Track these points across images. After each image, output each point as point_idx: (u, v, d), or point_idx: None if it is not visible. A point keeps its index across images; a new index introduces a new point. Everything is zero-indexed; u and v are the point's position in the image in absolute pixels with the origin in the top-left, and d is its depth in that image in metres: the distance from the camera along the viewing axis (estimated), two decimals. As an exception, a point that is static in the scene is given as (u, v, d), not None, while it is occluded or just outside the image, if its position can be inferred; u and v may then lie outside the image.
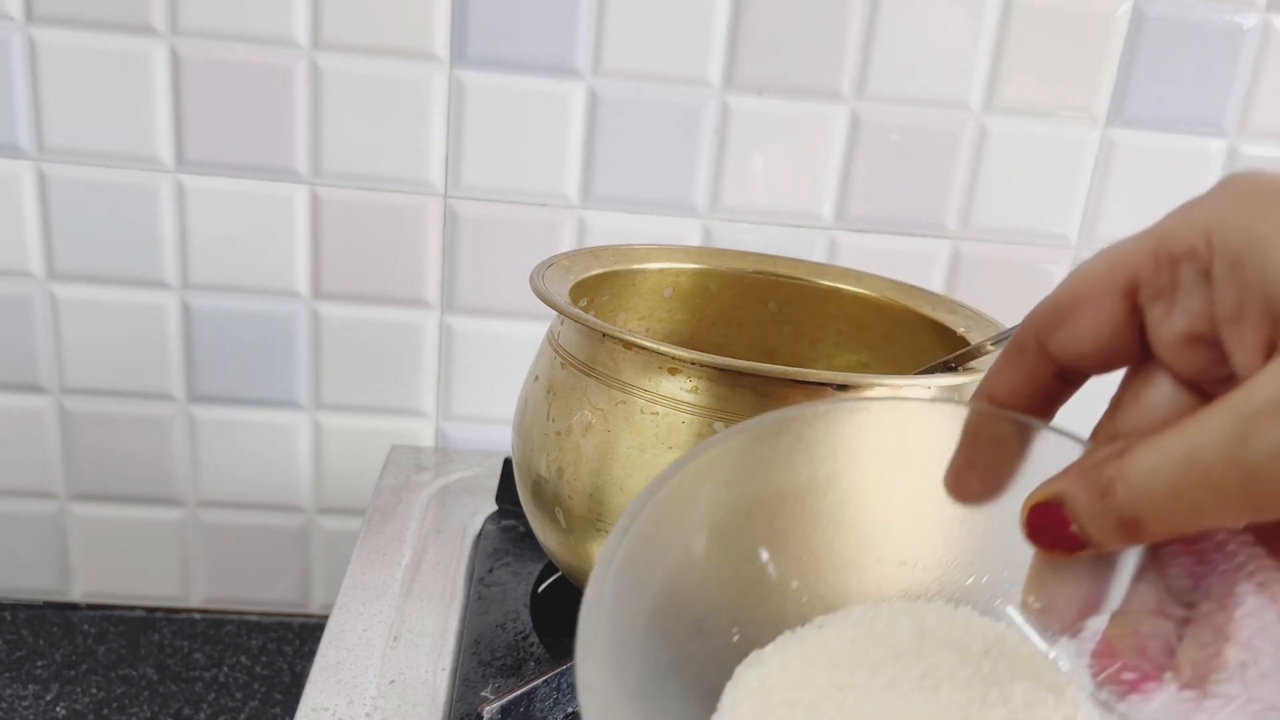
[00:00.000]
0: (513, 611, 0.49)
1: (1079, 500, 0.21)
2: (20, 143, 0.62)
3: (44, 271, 0.65)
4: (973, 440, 0.25)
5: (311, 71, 0.62)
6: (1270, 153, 0.69)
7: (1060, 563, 0.23)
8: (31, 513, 0.71)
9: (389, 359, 0.69)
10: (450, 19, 0.62)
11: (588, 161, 0.66)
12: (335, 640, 0.47)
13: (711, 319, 0.53)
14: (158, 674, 0.65)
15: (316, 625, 0.73)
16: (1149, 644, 0.22)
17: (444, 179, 0.65)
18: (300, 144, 0.64)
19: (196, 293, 0.66)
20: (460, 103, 0.64)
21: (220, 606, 0.74)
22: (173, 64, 0.62)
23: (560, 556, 0.42)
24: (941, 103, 0.65)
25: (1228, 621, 0.21)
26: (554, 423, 0.40)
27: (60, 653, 0.66)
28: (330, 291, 0.67)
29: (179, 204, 0.64)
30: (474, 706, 0.41)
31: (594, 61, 0.63)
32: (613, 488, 0.37)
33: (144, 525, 0.72)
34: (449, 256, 0.67)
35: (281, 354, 0.68)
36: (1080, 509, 0.21)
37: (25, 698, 0.61)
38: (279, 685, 0.65)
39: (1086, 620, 0.23)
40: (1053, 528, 0.22)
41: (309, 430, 0.70)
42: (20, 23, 0.60)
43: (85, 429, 0.69)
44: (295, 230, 0.65)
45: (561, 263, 0.46)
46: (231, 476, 0.71)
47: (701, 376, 0.36)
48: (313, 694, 0.43)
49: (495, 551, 0.55)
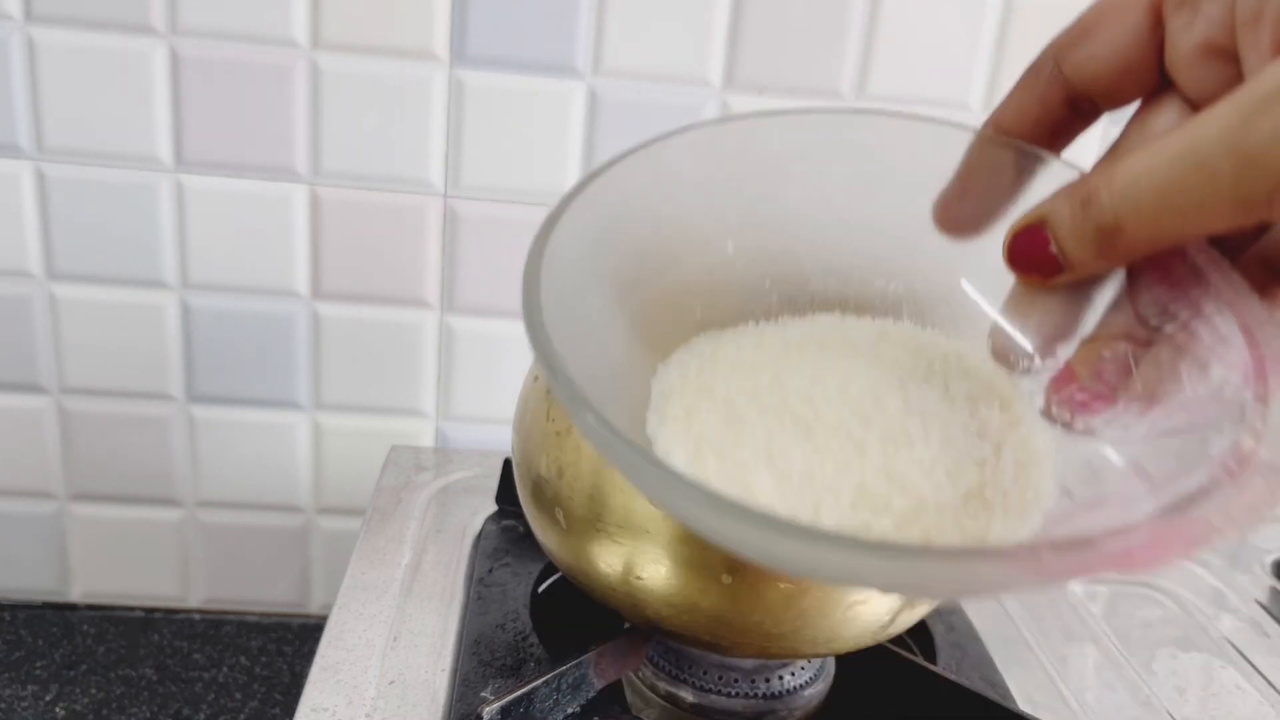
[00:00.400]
0: (513, 612, 0.49)
1: (1061, 216, 0.21)
2: (19, 142, 0.62)
3: (43, 271, 0.65)
4: (970, 169, 0.24)
5: (311, 71, 0.62)
6: (1271, 153, 0.69)
7: (1037, 293, 0.23)
8: (30, 513, 0.71)
9: (389, 359, 0.69)
10: (450, 18, 0.62)
11: (588, 161, 0.65)
12: (335, 641, 0.47)
13: (712, 319, 0.53)
14: (157, 674, 0.65)
15: (316, 626, 0.72)
16: (1106, 368, 0.22)
17: (444, 179, 0.65)
18: (300, 143, 0.64)
19: (196, 292, 0.66)
20: (460, 102, 0.64)
21: (220, 607, 0.74)
22: (172, 63, 0.62)
23: (560, 557, 0.41)
24: (941, 102, 0.65)
25: (1189, 340, 0.21)
26: (554, 423, 0.40)
27: (59, 653, 0.66)
28: (330, 291, 0.67)
29: (178, 204, 0.64)
30: (474, 707, 0.41)
31: (594, 61, 0.63)
32: (613, 488, 0.37)
33: (143, 525, 0.72)
34: (449, 256, 0.67)
35: (281, 354, 0.68)
36: (1061, 225, 0.21)
37: (24, 698, 0.61)
38: (278, 686, 0.65)
39: (1057, 347, 0.23)
40: (1033, 250, 0.22)
41: (308, 430, 0.70)
42: (19, 22, 0.60)
43: (84, 429, 0.69)
44: (295, 230, 0.65)
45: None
46: (231, 476, 0.71)
47: (702, 376, 0.36)
48: (312, 694, 0.43)
49: (495, 552, 0.55)
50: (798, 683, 0.44)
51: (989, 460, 0.23)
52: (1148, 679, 0.51)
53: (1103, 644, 0.54)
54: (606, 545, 0.38)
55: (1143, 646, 0.54)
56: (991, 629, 0.54)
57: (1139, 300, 0.22)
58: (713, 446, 0.24)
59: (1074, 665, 0.52)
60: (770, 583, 0.36)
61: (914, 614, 0.40)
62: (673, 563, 0.37)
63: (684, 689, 0.44)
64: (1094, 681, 0.51)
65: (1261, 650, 0.56)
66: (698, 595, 0.37)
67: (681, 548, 0.36)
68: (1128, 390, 0.22)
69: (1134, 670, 0.52)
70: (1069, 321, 0.23)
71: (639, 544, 0.37)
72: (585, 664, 0.42)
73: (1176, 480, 0.19)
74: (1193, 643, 0.56)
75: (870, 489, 0.22)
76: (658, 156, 0.26)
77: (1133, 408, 0.22)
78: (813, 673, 0.45)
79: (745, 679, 0.44)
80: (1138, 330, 0.22)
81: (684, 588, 0.37)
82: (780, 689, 0.44)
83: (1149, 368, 0.22)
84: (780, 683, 0.44)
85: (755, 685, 0.44)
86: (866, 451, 0.23)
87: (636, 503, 0.37)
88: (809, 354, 0.26)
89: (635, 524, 0.37)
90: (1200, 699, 0.50)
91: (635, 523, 0.37)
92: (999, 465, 0.23)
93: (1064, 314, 0.23)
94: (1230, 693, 0.51)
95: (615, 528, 0.37)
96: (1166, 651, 0.54)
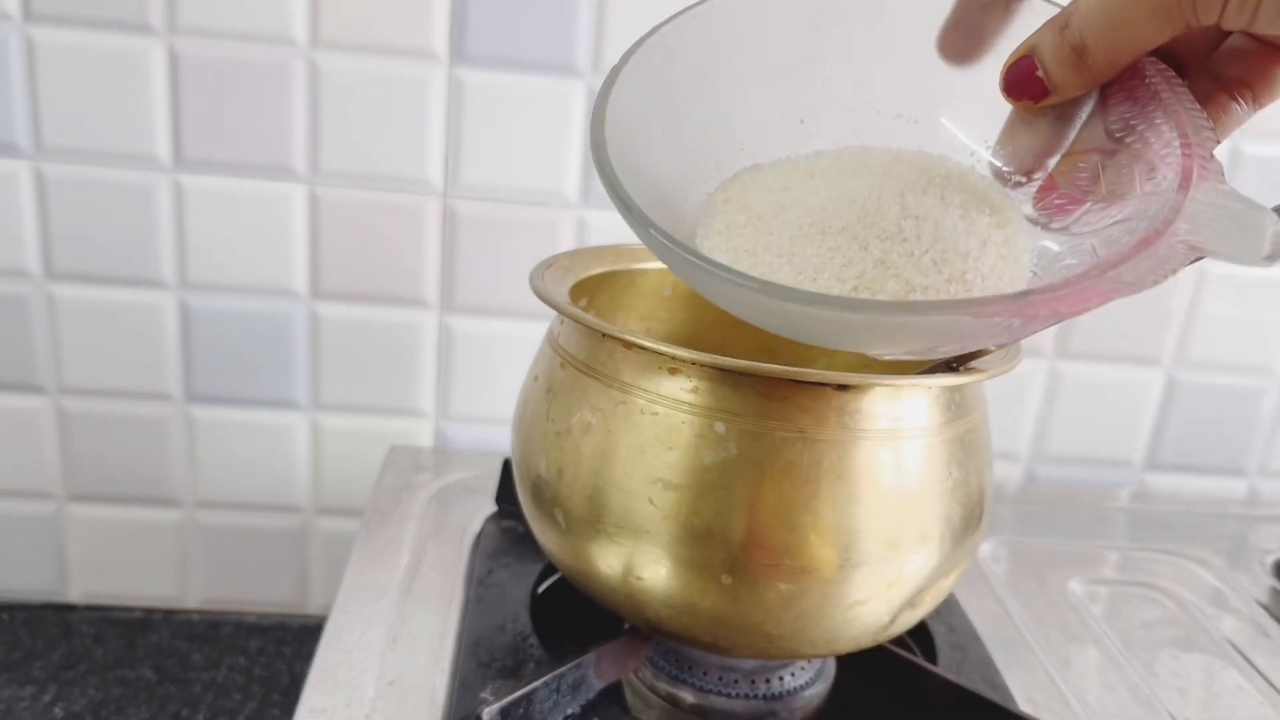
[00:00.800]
0: (512, 613, 0.49)
1: (1044, 44, 0.26)
2: (18, 142, 0.62)
3: (41, 271, 0.65)
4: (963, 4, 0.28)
5: (310, 70, 0.62)
6: (1270, 152, 0.69)
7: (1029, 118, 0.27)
8: (29, 513, 0.70)
9: (388, 359, 0.69)
10: (449, 18, 0.62)
11: (588, 161, 0.65)
12: (334, 641, 0.46)
13: (711, 319, 0.53)
14: (155, 675, 0.65)
15: (315, 626, 0.72)
16: (1080, 176, 0.27)
17: (443, 178, 0.65)
18: (299, 143, 0.63)
19: (194, 292, 0.66)
20: (460, 102, 0.64)
21: (218, 607, 0.74)
22: (171, 63, 0.61)
23: (560, 557, 0.41)
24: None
25: (1144, 147, 0.26)
26: (553, 423, 0.40)
27: (58, 653, 0.66)
28: (329, 291, 0.67)
29: (177, 203, 0.64)
30: (473, 708, 0.41)
31: (594, 61, 0.63)
32: (612, 488, 0.37)
33: (142, 526, 0.71)
34: (448, 256, 0.67)
35: (280, 354, 0.68)
36: (1045, 51, 0.26)
37: (23, 699, 0.61)
38: (277, 686, 0.65)
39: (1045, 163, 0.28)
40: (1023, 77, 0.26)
41: (307, 431, 0.70)
42: (18, 22, 0.60)
43: (83, 429, 0.69)
44: (294, 230, 0.65)
45: (561, 262, 0.46)
46: (230, 477, 0.71)
47: (702, 376, 0.36)
48: (311, 695, 0.43)
49: (494, 552, 0.55)
50: (798, 683, 0.44)
51: (973, 252, 0.29)
52: (1149, 679, 0.51)
53: (1104, 644, 0.54)
54: (606, 546, 0.38)
55: (1144, 647, 0.54)
56: (992, 629, 0.53)
57: (1108, 117, 0.27)
58: (747, 250, 0.30)
59: (1075, 666, 0.52)
60: (770, 583, 0.36)
61: (914, 614, 0.40)
62: (673, 563, 0.36)
63: (684, 690, 0.43)
64: (1095, 682, 0.51)
65: (1262, 650, 0.55)
66: (698, 596, 0.37)
67: (681, 548, 0.36)
68: (1095, 193, 0.27)
69: (1135, 671, 0.52)
70: (1054, 142, 0.28)
71: (639, 544, 0.37)
72: (585, 665, 0.42)
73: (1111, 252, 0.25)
74: (1194, 643, 0.56)
75: (868, 276, 0.28)
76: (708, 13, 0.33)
77: (1097, 207, 0.27)
78: (813, 673, 0.45)
79: (745, 680, 0.44)
80: (1105, 144, 0.27)
81: (684, 588, 0.37)
82: (780, 690, 0.44)
83: (1111, 173, 0.27)
84: (780, 683, 0.44)
85: (755, 686, 0.44)
86: (868, 247, 0.29)
87: (636, 503, 0.37)
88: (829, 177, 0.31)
89: (635, 524, 0.37)
90: (1201, 699, 0.50)
91: (635, 523, 0.37)
92: (982, 255, 0.29)
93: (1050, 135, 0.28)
94: (1231, 693, 0.51)
95: (615, 528, 0.37)
96: (1168, 652, 0.54)
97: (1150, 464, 0.77)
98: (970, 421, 0.39)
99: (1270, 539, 0.70)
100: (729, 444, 0.35)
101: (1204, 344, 0.74)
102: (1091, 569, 0.62)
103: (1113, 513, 0.71)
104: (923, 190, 0.30)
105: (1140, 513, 0.72)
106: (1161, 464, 0.77)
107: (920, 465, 0.37)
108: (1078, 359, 0.73)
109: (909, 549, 0.37)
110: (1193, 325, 0.73)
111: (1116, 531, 0.68)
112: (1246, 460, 0.78)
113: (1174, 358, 0.74)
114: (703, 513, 0.36)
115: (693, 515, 0.36)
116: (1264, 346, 0.74)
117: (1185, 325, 0.73)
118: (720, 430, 0.35)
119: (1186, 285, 0.72)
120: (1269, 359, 0.75)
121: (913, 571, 0.37)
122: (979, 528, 0.40)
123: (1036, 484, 0.77)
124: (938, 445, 0.37)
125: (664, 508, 0.36)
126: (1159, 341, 0.73)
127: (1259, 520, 0.73)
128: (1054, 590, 0.59)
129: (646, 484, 0.36)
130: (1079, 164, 0.27)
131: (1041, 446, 0.76)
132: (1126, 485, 0.78)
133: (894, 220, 0.29)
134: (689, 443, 0.36)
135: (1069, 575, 0.61)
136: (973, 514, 0.39)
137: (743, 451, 0.35)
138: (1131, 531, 0.69)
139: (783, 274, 0.29)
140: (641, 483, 0.36)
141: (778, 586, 0.36)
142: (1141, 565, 0.64)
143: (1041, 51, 0.26)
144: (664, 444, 0.36)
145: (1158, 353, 0.74)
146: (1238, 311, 0.73)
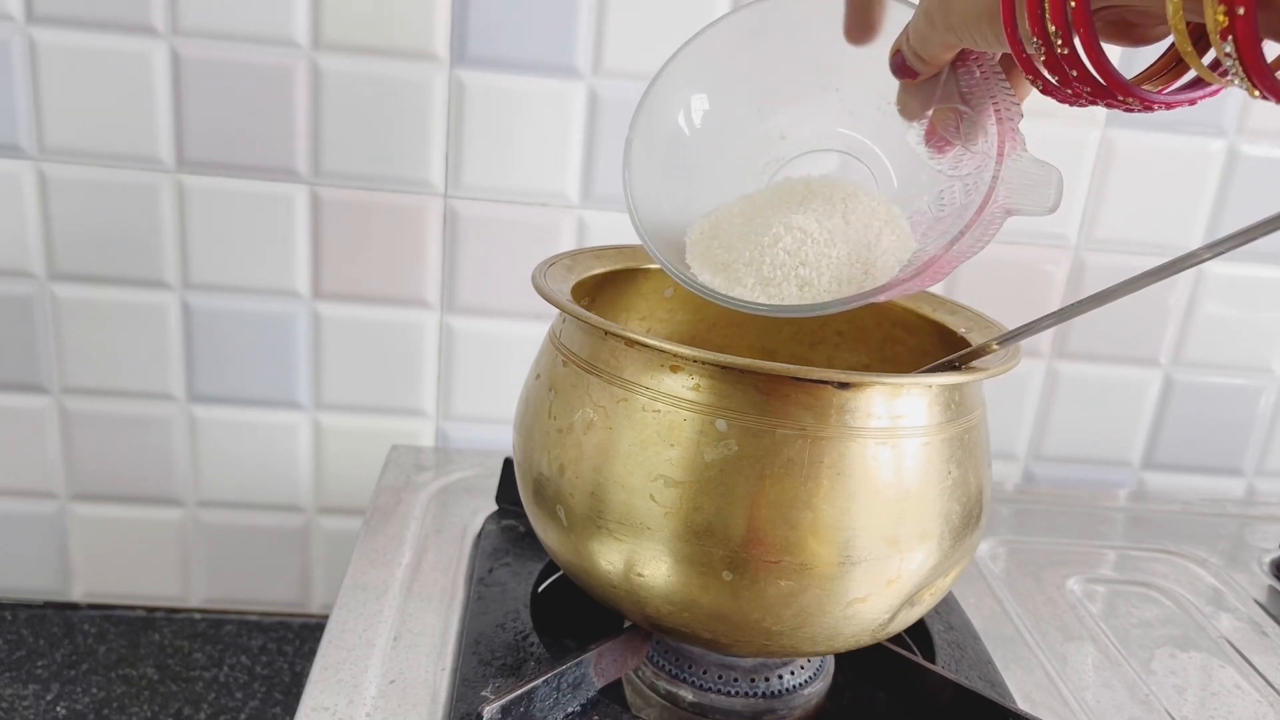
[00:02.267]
0: (513, 611, 0.49)
1: (904, 42, 0.36)
2: (21, 143, 0.62)
3: (45, 271, 0.65)
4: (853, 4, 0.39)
5: (312, 72, 0.62)
6: (1270, 153, 0.69)
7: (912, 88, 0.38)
8: (32, 513, 0.71)
9: (389, 359, 0.69)
10: (450, 19, 0.62)
11: (588, 161, 0.66)
12: (335, 640, 0.47)
13: (712, 320, 0.53)
14: (158, 674, 0.65)
15: (317, 625, 0.73)
16: (948, 124, 0.38)
17: (444, 179, 0.65)
18: (300, 144, 0.64)
19: (197, 293, 0.66)
20: (460, 103, 0.64)
21: (220, 606, 0.74)
22: (173, 64, 0.62)
23: (561, 555, 0.42)
24: None
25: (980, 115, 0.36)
26: (555, 420, 0.40)
27: (60, 652, 0.66)
28: (330, 291, 0.67)
29: (179, 204, 0.64)
30: (474, 706, 0.41)
31: (594, 61, 0.63)
32: (614, 485, 0.37)
33: (144, 525, 0.72)
34: (449, 256, 0.67)
35: (281, 354, 0.68)
36: (905, 47, 0.36)
37: (26, 697, 0.61)
38: (279, 685, 0.65)
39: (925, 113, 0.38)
40: (898, 65, 0.37)
41: (309, 430, 0.70)
42: (20, 23, 0.60)
43: (85, 429, 0.69)
44: (295, 230, 0.66)
45: (563, 262, 0.46)
46: (232, 476, 0.71)
47: (703, 374, 0.36)
48: (313, 694, 0.43)
49: (495, 551, 0.55)
50: (797, 682, 0.44)
51: (873, 243, 0.40)
52: (1146, 678, 0.52)
53: (1101, 643, 0.54)
54: (607, 542, 0.38)
55: (1142, 646, 0.55)
56: (991, 628, 0.54)
57: (959, 85, 0.37)
58: (721, 266, 0.41)
59: (1073, 664, 0.52)
60: (771, 580, 0.36)
61: (913, 612, 0.40)
62: (673, 560, 0.37)
63: (684, 688, 0.44)
64: (1093, 680, 0.51)
65: (1260, 649, 0.56)
66: (698, 592, 0.37)
67: (682, 545, 0.36)
68: (959, 137, 0.37)
69: (1133, 669, 0.52)
70: (928, 99, 0.38)
71: (640, 541, 0.37)
72: (585, 663, 0.42)
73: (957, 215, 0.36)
74: (1191, 642, 0.56)
75: (807, 279, 0.39)
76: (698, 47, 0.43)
77: (960, 152, 0.38)
78: (812, 672, 0.45)
79: (745, 678, 0.44)
80: (962, 105, 0.37)
81: (684, 584, 0.37)
82: (780, 688, 0.44)
83: (968, 123, 0.37)
84: (780, 682, 0.44)
85: (755, 684, 0.44)
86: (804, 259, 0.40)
87: (637, 499, 0.37)
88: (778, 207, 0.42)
89: (636, 521, 0.37)
90: (1199, 698, 0.51)
91: (636, 520, 0.37)
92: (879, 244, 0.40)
93: (927, 95, 0.38)
94: (1229, 692, 0.52)
95: (616, 525, 0.37)
96: (1165, 650, 0.54)
97: (1148, 463, 0.77)
98: (969, 420, 0.39)
99: (1267, 538, 0.70)
100: (730, 441, 0.36)
101: (1201, 344, 0.74)
102: (1089, 568, 0.63)
103: (1110, 512, 0.72)
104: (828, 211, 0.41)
105: (1138, 512, 0.72)
106: (1159, 463, 0.77)
107: (920, 464, 0.37)
108: (1076, 359, 0.74)
109: (908, 547, 0.37)
110: (1190, 326, 0.73)
111: (1114, 530, 0.69)
112: (1244, 460, 0.78)
113: (1171, 358, 0.74)
114: (704, 509, 0.36)
115: (694, 512, 0.36)
116: (1261, 347, 0.75)
117: (1183, 326, 0.74)
118: (721, 428, 0.36)
119: (1184, 286, 0.73)
120: (1266, 359, 0.75)
121: (912, 569, 0.38)
122: (978, 526, 0.40)
123: (1035, 483, 0.77)
124: (937, 444, 0.37)
125: (665, 504, 0.36)
126: (1157, 342, 0.74)
127: (1256, 519, 0.73)
128: (1052, 589, 0.59)
129: (648, 481, 0.37)
130: (947, 116, 0.38)
131: (1040, 446, 0.76)
132: (1124, 485, 0.78)
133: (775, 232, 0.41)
134: (690, 440, 0.36)
135: (1067, 574, 0.61)
136: (971, 512, 0.39)
137: (743, 449, 0.35)
138: (1129, 531, 0.69)
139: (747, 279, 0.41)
140: (643, 479, 0.37)
141: (778, 583, 0.36)
142: (1139, 564, 0.64)
143: (903, 48, 0.36)
144: (665, 441, 0.36)
145: (1155, 353, 0.74)
146: (1235, 312, 0.73)
